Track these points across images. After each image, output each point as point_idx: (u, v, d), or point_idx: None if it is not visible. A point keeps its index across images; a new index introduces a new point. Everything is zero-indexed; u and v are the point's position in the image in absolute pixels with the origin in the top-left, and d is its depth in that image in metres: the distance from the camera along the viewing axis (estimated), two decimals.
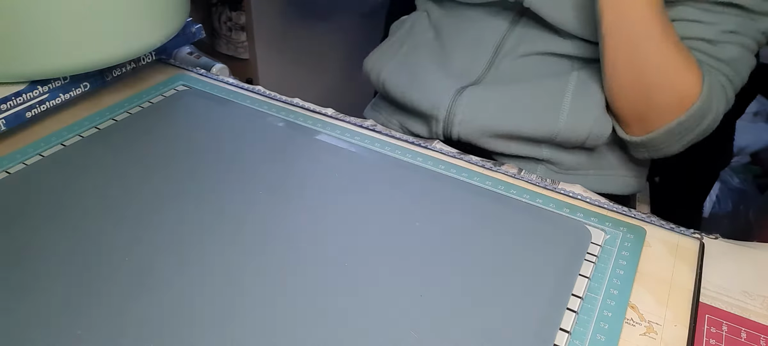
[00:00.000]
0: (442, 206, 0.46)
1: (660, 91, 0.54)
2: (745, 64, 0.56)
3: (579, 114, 0.59)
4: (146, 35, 0.56)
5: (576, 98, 0.59)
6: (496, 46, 0.64)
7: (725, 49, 0.55)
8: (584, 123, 0.59)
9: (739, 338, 0.36)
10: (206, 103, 0.58)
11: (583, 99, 0.59)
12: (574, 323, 0.36)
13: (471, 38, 0.66)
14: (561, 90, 0.60)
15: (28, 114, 0.52)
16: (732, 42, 0.55)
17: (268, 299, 0.36)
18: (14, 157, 0.48)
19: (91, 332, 0.33)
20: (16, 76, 0.51)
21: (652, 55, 0.53)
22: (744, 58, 0.56)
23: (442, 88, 0.63)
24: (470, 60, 0.65)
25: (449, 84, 0.63)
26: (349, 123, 0.56)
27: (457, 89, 0.63)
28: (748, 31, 0.55)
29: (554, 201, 0.47)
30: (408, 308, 0.36)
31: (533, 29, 0.63)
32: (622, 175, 0.64)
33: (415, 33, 0.72)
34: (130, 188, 0.46)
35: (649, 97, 0.54)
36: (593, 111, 0.59)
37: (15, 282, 0.36)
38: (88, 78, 0.57)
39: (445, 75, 0.65)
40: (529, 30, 0.63)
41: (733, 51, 0.55)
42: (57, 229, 0.41)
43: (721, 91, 0.55)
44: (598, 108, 0.59)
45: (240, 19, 1.37)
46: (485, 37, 0.65)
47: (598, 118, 0.59)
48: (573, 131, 0.59)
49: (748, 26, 0.54)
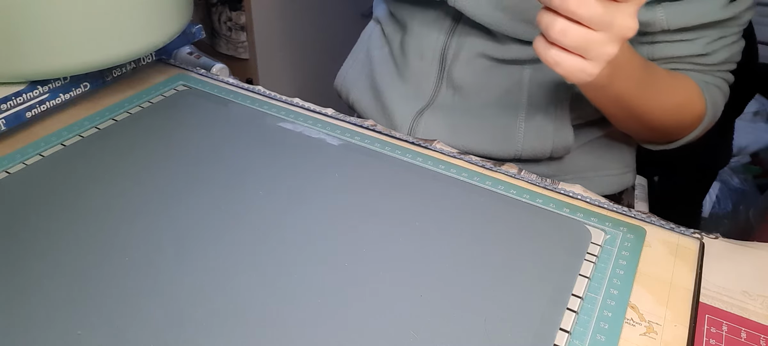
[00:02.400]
0: (442, 205, 0.46)
1: (670, 129, 0.56)
2: (737, 53, 0.57)
3: (536, 133, 0.59)
4: (147, 36, 0.56)
5: (530, 117, 0.59)
6: (440, 57, 0.63)
7: (716, 55, 0.55)
8: (544, 140, 0.59)
9: (739, 338, 0.36)
10: (206, 103, 0.58)
11: (538, 116, 0.59)
12: (574, 323, 0.36)
13: (416, 52, 0.64)
14: (514, 108, 0.59)
15: (28, 114, 0.52)
16: (720, 47, 0.55)
17: (268, 298, 0.36)
18: (14, 157, 0.48)
19: (91, 332, 0.33)
20: (16, 76, 0.51)
21: (653, 113, 0.53)
22: (734, 52, 0.56)
23: (403, 114, 0.63)
24: (421, 76, 0.64)
25: (408, 108, 0.63)
26: (349, 123, 0.56)
27: (417, 112, 0.63)
28: (731, 30, 0.55)
29: (554, 201, 0.47)
30: (408, 308, 0.36)
31: (471, 34, 0.61)
32: (604, 175, 0.64)
33: (372, 47, 0.71)
34: (130, 187, 0.46)
35: (661, 134, 0.57)
36: (550, 126, 0.58)
37: (15, 282, 0.36)
38: (88, 78, 0.57)
39: (403, 95, 0.64)
40: (467, 36, 0.61)
41: (724, 53, 0.55)
42: (57, 229, 0.41)
43: (720, 94, 0.56)
44: (555, 121, 0.58)
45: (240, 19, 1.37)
46: (427, 50, 0.63)
47: (557, 130, 0.58)
48: (534, 150, 0.59)
49: (730, 28, 0.54)
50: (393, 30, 0.69)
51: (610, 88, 0.48)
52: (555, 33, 0.40)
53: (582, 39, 0.40)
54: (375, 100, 0.67)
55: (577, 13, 0.39)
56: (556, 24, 0.40)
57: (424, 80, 0.64)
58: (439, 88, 0.63)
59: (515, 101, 0.59)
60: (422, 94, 0.64)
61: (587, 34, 0.40)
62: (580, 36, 0.40)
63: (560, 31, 0.40)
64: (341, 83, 0.73)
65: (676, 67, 0.56)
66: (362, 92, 0.69)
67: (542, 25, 0.41)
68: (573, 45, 0.41)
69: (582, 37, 0.40)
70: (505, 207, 0.46)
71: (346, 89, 0.72)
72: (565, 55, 0.42)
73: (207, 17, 1.46)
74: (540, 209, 0.46)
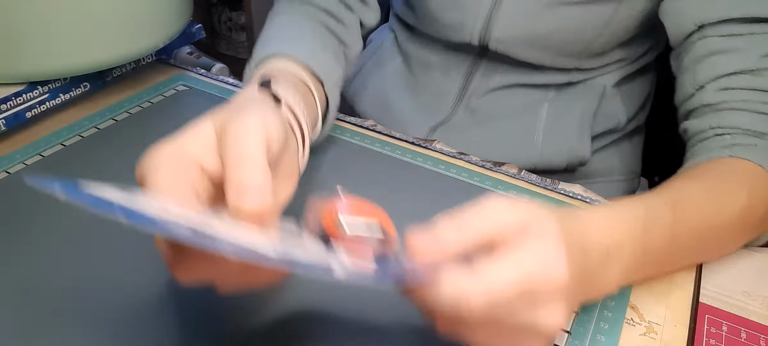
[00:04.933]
0: (442, 205, 0.45)
1: (746, 237, 0.42)
2: None
3: (554, 149, 0.58)
4: (147, 36, 0.56)
5: (549, 135, 0.58)
6: (463, 82, 0.61)
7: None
8: (560, 153, 0.58)
9: (738, 338, 0.36)
10: (206, 103, 0.58)
11: (556, 130, 0.58)
12: (574, 323, 0.36)
13: (438, 70, 0.63)
14: (532, 124, 0.59)
15: (28, 114, 0.52)
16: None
17: (267, 297, 0.36)
18: (14, 157, 0.48)
19: (91, 332, 0.33)
20: (16, 76, 0.51)
21: (712, 251, 0.41)
22: None
23: (415, 127, 0.62)
24: (439, 94, 0.63)
25: (421, 120, 0.62)
26: (348, 123, 0.56)
27: (430, 128, 0.62)
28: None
29: (554, 201, 0.47)
30: (407, 308, 0.36)
31: (501, 63, 0.58)
32: (611, 180, 0.64)
33: (383, 57, 0.69)
34: (130, 188, 0.46)
35: (738, 243, 0.42)
36: (567, 140, 0.58)
37: (15, 282, 0.36)
38: (88, 78, 0.57)
39: (417, 108, 0.63)
40: (496, 64, 0.59)
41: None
42: (57, 229, 0.41)
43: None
44: (572, 135, 0.58)
45: (240, 19, 1.38)
46: (452, 71, 0.62)
47: (574, 145, 0.58)
48: (550, 163, 0.58)
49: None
50: (409, 43, 0.66)
51: (638, 277, 0.38)
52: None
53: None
54: (383, 110, 0.66)
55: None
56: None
57: (441, 100, 0.63)
58: (457, 109, 0.62)
59: (535, 120, 0.59)
60: (438, 113, 0.63)
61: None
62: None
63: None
64: (345, 88, 0.72)
65: (727, 99, 0.44)
66: (369, 101, 0.68)
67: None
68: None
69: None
70: None
71: (349, 95, 0.71)
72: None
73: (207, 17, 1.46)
74: None
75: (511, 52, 0.56)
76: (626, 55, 0.58)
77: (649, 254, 0.35)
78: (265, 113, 0.30)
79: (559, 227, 0.28)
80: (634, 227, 0.34)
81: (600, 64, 0.58)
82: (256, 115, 0.29)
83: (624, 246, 0.33)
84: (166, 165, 0.28)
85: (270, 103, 0.35)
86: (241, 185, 0.26)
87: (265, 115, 0.30)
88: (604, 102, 0.59)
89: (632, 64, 0.60)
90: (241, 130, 0.28)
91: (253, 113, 0.29)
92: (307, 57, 0.45)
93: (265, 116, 0.30)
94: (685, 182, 0.40)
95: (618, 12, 0.52)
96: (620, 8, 0.51)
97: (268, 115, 0.31)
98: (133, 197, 0.21)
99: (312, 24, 0.50)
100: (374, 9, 0.55)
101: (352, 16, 0.52)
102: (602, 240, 0.32)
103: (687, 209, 0.37)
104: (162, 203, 0.22)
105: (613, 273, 0.33)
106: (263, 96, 0.36)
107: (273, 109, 0.33)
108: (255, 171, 0.27)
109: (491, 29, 0.54)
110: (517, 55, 0.56)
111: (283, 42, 0.46)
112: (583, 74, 0.58)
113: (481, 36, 0.55)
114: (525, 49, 0.56)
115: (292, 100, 0.39)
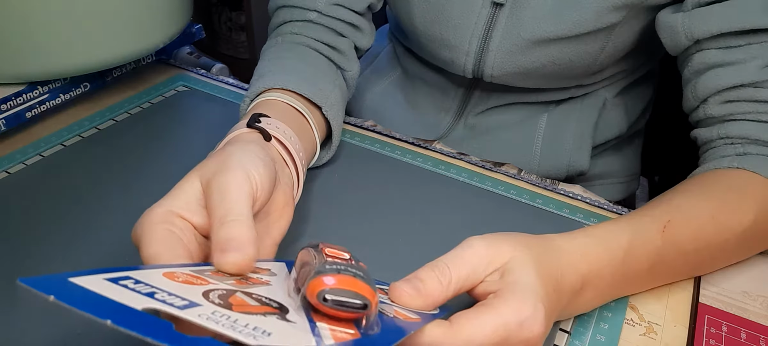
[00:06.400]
0: (442, 205, 0.46)
1: (752, 249, 0.42)
2: None
3: (552, 159, 0.58)
4: (147, 36, 0.56)
5: (547, 144, 0.58)
6: (461, 100, 0.61)
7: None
8: (559, 165, 0.58)
9: (738, 339, 0.36)
10: (206, 104, 0.58)
11: (555, 143, 0.58)
12: (574, 323, 0.36)
13: (436, 87, 0.63)
14: (531, 137, 0.59)
15: (28, 114, 0.52)
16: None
17: None
18: (14, 157, 0.48)
19: (91, 332, 0.33)
20: (16, 77, 0.51)
21: (710, 264, 0.41)
22: None
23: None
24: (438, 111, 0.63)
25: (420, 135, 0.61)
26: (348, 123, 0.56)
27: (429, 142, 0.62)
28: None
29: (554, 202, 0.47)
30: None
31: (499, 85, 0.58)
32: (611, 183, 0.64)
33: (381, 67, 0.69)
34: (130, 188, 0.46)
35: (745, 253, 0.42)
36: (566, 152, 0.58)
37: (15, 282, 0.36)
38: (88, 78, 0.57)
39: (415, 122, 0.63)
40: (495, 85, 0.58)
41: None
42: (56, 229, 0.41)
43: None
44: (571, 147, 0.57)
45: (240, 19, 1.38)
46: (450, 91, 0.62)
47: (573, 157, 0.58)
48: (548, 173, 0.58)
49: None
50: (407, 58, 0.66)
51: (619, 296, 0.38)
52: None
53: None
54: (382, 123, 0.64)
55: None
56: None
57: (440, 116, 0.63)
58: (456, 126, 0.62)
59: (534, 132, 0.59)
60: (435, 129, 0.62)
61: None
62: None
63: None
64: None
65: (733, 111, 0.43)
66: (366, 114, 0.67)
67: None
68: None
69: None
70: (505, 208, 0.46)
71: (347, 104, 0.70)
72: None
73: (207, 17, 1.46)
74: (540, 210, 0.46)
75: (507, 82, 0.56)
76: (627, 67, 0.58)
77: (630, 278, 0.36)
78: (251, 162, 0.32)
79: (535, 270, 0.30)
80: (614, 256, 0.35)
81: (600, 79, 0.57)
82: (240, 170, 0.31)
83: (601, 273, 0.34)
84: (159, 229, 0.29)
85: (258, 144, 0.36)
86: (224, 242, 0.27)
87: (250, 166, 0.31)
88: (605, 113, 0.59)
89: (633, 74, 0.60)
90: (224, 187, 0.30)
91: (237, 167, 0.31)
92: (301, 85, 0.46)
93: (249, 168, 0.31)
94: (686, 199, 0.39)
95: (612, 39, 0.51)
96: (613, 35, 0.51)
97: (254, 163, 0.32)
98: (123, 291, 0.21)
99: (305, 52, 0.51)
100: (368, 33, 0.55)
101: (346, 42, 0.52)
102: (578, 268, 0.33)
103: (680, 230, 0.37)
104: (155, 281, 0.22)
105: (587, 299, 0.35)
106: (252, 136, 0.38)
107: (260, 152, 0.34)
108: (235, 228, 0.28)
109: (483, 66, 0.54)
110: (514, 83, 0.56)
111: (276, 74, 0.46)
112: (583, 89, 0.58)
113: (474, 71, 0.55)
114: (520, 80, 0.56)
115: (282, 136, 0.40)
